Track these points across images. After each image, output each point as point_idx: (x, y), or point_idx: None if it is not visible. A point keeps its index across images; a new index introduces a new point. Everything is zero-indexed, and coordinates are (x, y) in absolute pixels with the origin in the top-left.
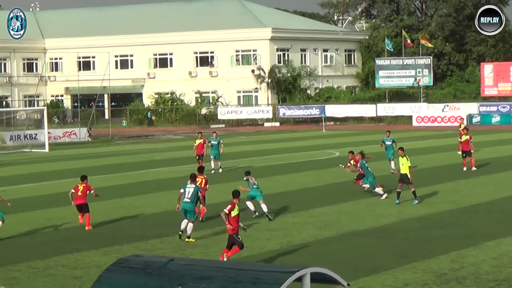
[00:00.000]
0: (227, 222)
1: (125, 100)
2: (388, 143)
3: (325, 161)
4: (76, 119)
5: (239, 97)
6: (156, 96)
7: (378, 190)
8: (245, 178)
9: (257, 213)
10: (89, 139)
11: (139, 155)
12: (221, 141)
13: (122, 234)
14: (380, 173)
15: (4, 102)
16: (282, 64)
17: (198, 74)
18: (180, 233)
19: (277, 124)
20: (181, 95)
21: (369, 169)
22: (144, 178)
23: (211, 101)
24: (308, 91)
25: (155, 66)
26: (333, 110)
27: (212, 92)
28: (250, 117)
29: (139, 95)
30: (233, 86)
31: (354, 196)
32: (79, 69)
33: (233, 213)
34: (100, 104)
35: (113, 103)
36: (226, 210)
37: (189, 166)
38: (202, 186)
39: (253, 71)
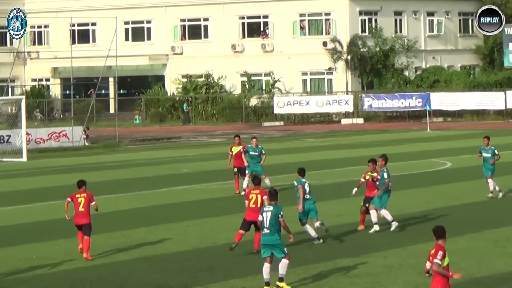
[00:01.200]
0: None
1: (138, 86)
2: (486, 154)
3: (432, 175)
4: (67, 114)
5: (304, 81)
6: (184, 80)
7: (384, 212)
8: (304, 180)
9: (320, 240)
10: (86, 143)
11: (159, 167)
12: (263, 151)
13: (134, 281)
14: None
15: None
16: (367, 33)
17: (246, 48)
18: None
19: (361, 120)
20: (220, 78)
21: (389, 183)
22: (166, 200)
23: (264, 88)
24: (406, 73)
25: (183, 37)
26: (443, 100)
27: (265, 75)
28: (321, 110)
29: (160, 79)
30: (296, 66)
31: (473, 226)
32: (73, 42)
33: (445, 262)
34: (103, 92)
35: (121, 91)
36: (438, 260)
37: (233, 182)
38: (257, 205)
39: (325, 43)
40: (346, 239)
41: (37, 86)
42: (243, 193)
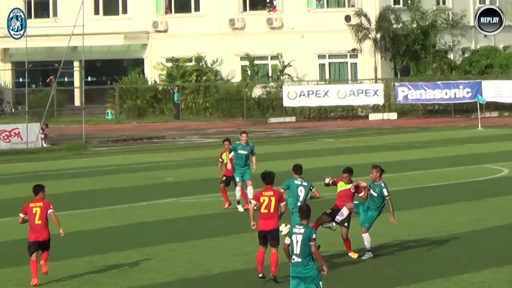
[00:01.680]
0: None
1: (111, 73)
2: None
3: (484, 185)
4: (20, 108)
5: (322, 66)
6: (169, 64)
7: (366, 237)
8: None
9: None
10: (45, 144)
11: (137, 175)
12: (254, 150)
13: None
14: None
15: None
16: (401, 5)
17: (247, 24)
18: None
19: (394, 116)
20: (215, 62)
21: (382, 200)
22: (146, 217)
23: (270, 74)
24: (451, 56)
25: (168, 10)
26: (497, 89)
27: (272, 58)
28: (343, 103)
29: (138, 63)
30: (311, 47)
31: None
32: (29, 17)
33: None
34: (66, 79)
35: (89, 78)
36: None
37: (230, 193)
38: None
39: (348, 18)
40: (374, 266)
41: None
42: (241, 209)
